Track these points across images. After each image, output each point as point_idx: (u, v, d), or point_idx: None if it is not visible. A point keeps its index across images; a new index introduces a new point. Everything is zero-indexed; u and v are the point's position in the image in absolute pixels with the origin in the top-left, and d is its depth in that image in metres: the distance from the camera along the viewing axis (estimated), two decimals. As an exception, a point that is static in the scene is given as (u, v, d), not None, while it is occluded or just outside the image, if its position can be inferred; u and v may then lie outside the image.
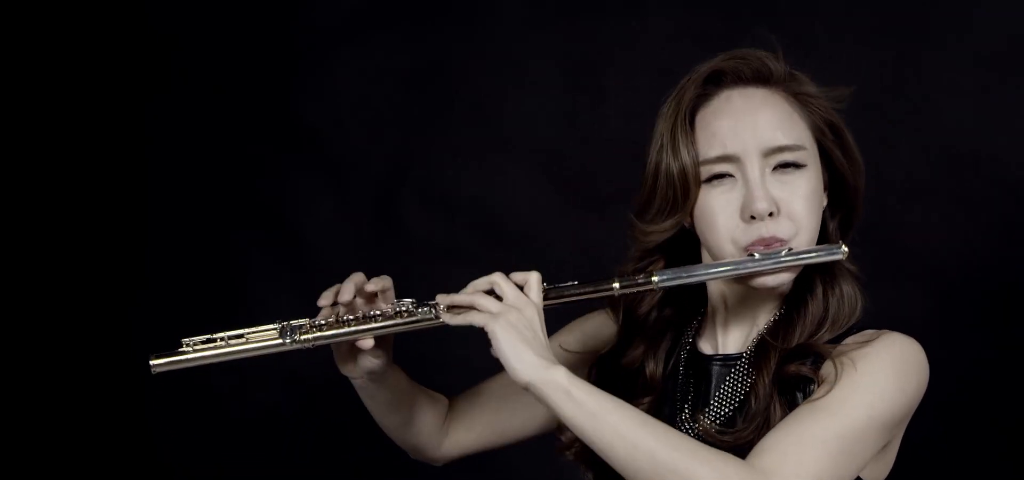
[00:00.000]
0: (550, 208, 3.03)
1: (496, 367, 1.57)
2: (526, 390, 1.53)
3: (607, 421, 1.49)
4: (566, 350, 1.87)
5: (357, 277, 1.68)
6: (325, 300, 1.67)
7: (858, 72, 2.75)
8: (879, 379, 1.55)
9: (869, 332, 1.64)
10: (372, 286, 1.67)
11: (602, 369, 1.83)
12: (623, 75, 2.94)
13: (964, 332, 2.69)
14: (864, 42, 2.75)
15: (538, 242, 3.04)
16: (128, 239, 3.29)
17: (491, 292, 1.61)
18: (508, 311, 1.56)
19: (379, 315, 1.64)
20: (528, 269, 1.64)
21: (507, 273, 1.62)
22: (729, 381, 1.68)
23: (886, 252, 2.73)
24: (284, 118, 3.22)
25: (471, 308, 1.59)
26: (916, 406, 1.63)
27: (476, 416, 1.88)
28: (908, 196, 2.72)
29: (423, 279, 3.09)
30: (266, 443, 3.23)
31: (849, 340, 1.63)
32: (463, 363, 1.95)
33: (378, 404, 1.80)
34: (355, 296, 1.67)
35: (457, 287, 1.65)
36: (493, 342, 1.54)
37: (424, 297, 1.67)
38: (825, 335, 1.65)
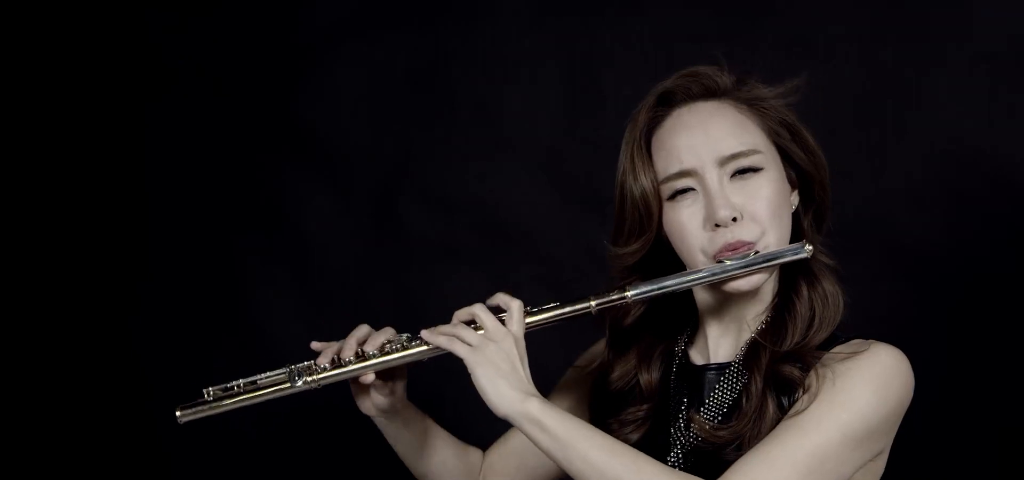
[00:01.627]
0: (550, 208, 3.03)
1: None
2: (505, 420, 1.61)
3: (576, 449, 1.57)
4: (576, 367, 1.94)
5: (359, 332, 1.76)
6: (324, 360, 1.75)
7: (858, 72, 2.75)
8: (856, 396, 1.58)
9: (857, 342, 1.67)
10: (371, 344, 1.74)
11: (600, 385, 1.88)
12: (623, 75, 2.94)
13: (964, 332, 2.69)
14: (864, 42, 2.75)
15: (538, 242, 3.04)
16: (128, 242, 3.29)
17: (473, 323, 1.68)
18: (486, 345, 1.63)
19: (376, 352, 1.73)
20: (524, 287, 1.76)
21: (494, 294, 1.71)
22: (721, 385, 1.72)
23: (886, 252, 2.73)
24: (284, 118, 3.22)
25: (453, 338, 1.66)
26: (900, 416, 1.65)
27: (509, 461, 1.93)
28: (908, 196, 2.72)
29: (423, 278, 3.12)
30: (270, 433, 3.23)
31: (838, 349, 1.66)
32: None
33: (400, 444, 1.87)
34: (357, 349, 1.75)
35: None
36: (472, 376, 1.62)
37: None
38: (816, 336, 1.68)
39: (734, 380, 1.71)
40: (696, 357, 1.79)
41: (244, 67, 3.23)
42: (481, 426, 1.97)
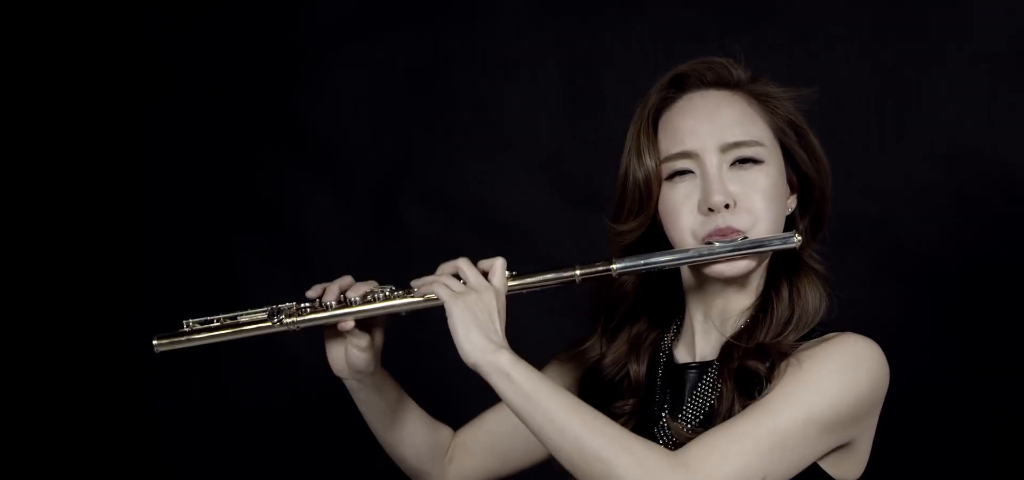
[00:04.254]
0: (550, 208, 3.03)
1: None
2: (474, 370, 1.60)
3: (540, 405, 1.56)
4: (559, 360, 1.93)
5: (343, 281, 1.77)
6: (312, 293, 1.77)
7: (858, 72, 2.75)
8: (822, 379, 1.58)
9: (830, 334, 1.66)
10: (354, 292, 1.74)
11: (590, 375, 1.87)
12: (623, 75, 2.94)
13: (964, 332, 2.69)
14: (864, 42, 2.75)
15: (538, 242, 3.04)
16: (128, 242, 3.29)
17: (458, 276, 1.68)
18: (467, 293, 1.64)
19: (357, 300, 1.73)
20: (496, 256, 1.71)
21: (477, 260, 1.71)
22: (702, 386, 1.72)
23: (886, 252, 2.73)
24: (284, 118, 3.22)
25: (436, 282, 1.68)
26: (872, 406, 1.64)
27: (480, 442, 1.92)
28: (908, 196, 2.72)
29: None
30: (267, 434, 3.23)
31: (810, 341, 1.66)
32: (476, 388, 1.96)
33: (370, 410, 1.85)
34: (339, 295, 1.75)
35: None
36: (449, 319, 1.62)
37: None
38: (790, 336, 1.68)
39: (714, 381, 1.71)
40: (681, 354, 1.79)
41: (244, 67, 3.23)
42: (469, 406, 1.96)
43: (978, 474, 2.72)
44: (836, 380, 1.58)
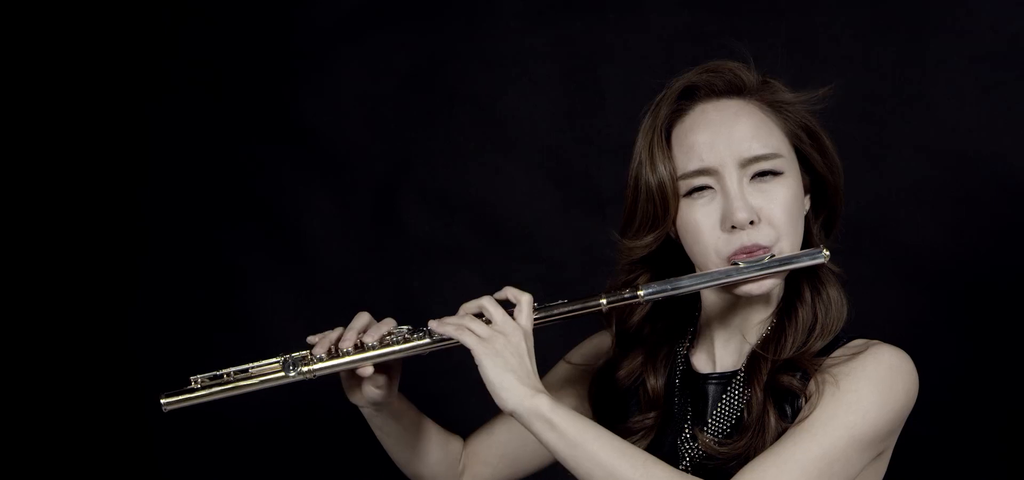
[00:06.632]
0: (550, 208, 3.03)
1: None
2: (511, 416, 1.58)
3: (586, 450, 1.55)
4: (571, 363, 1.91)
5: (359, 321, 1.72)
6: (320, 349, 1.70)
7: (858, 71, 2.75)
8: (862, 398, 1.58)
9: (858, 343, 1.66)
10: (371, 335, 1.70)
11: (601, 382, 1.86)
12: (623, 75, 2.94)
13: (963, 332, 2.69)
14: (864, 42, 2.75)
15: (538, 242, 3.04)
16: (127, 241, 3.29)
17: (481, 316, 1.65)
18: (495, 337, 1.60)
19: (376, 344, 1.69)
20: (523, 287, 1.68)
21: (502, 288, 1.67)
22: (726, 398, 1.71)
23: (886, 252, 2.73)
24: (284, 118, 3.21)
25: (462, 328, 1.63)
26: (905, 417, 1.64)
27: (492, 450, 1.92)
28: (908, 196, 2.72)
29: (424, 279, 3.12)
30: (266, 433, 3.23)
31: (838, 352, 1.65)
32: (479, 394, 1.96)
33: (387, 436, 1.84)
34: (357, 339, 1.70)
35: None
36: (479, 368, 1.59)
37: (422, 315, 1.72)
38: (816, 343, 1.67)
39: (738, 392, 1.69)
40: (699, 363, 1.77)
41: (244, 67, 3.23)
42: (474, 420, 1.96)
43: (979, 474, 2.72)
44: (875, 398, 1.58)
